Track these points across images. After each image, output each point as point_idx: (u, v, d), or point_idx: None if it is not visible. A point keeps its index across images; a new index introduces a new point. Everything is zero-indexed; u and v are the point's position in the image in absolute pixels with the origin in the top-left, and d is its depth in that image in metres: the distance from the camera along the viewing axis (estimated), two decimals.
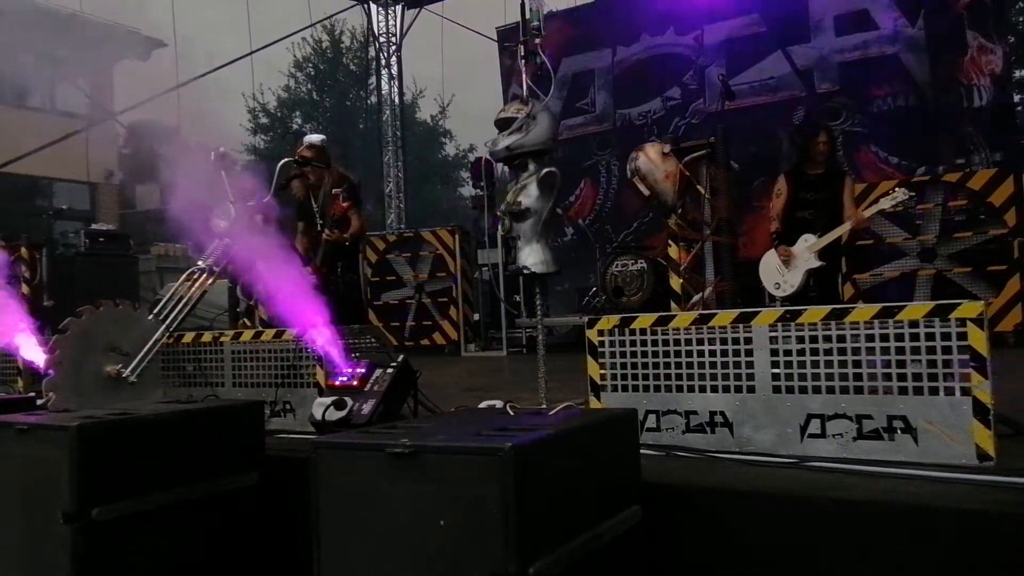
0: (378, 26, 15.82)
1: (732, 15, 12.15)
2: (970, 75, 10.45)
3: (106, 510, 2.41)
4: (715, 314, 2.91)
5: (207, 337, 4.23)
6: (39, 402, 3.72)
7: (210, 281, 4.19)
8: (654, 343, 2.99)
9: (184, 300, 4.02)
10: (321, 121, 27.80)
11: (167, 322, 3.95)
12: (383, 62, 15.86)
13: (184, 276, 4.18)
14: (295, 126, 28.29)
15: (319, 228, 5.74)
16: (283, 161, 4.94)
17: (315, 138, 5.99)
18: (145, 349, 3.82)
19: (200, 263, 4.22)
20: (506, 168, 3.66)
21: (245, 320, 5.24)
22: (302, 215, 5.96)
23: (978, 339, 2.41)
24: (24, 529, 2.51)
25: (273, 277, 3.66)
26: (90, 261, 11.04)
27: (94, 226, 13.17)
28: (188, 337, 4.26)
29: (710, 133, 6.03)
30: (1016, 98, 15.31)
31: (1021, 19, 19.43)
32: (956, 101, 10.51)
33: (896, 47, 10.96)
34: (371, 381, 3.57)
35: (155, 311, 3.99)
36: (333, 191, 5.72)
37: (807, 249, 5.52)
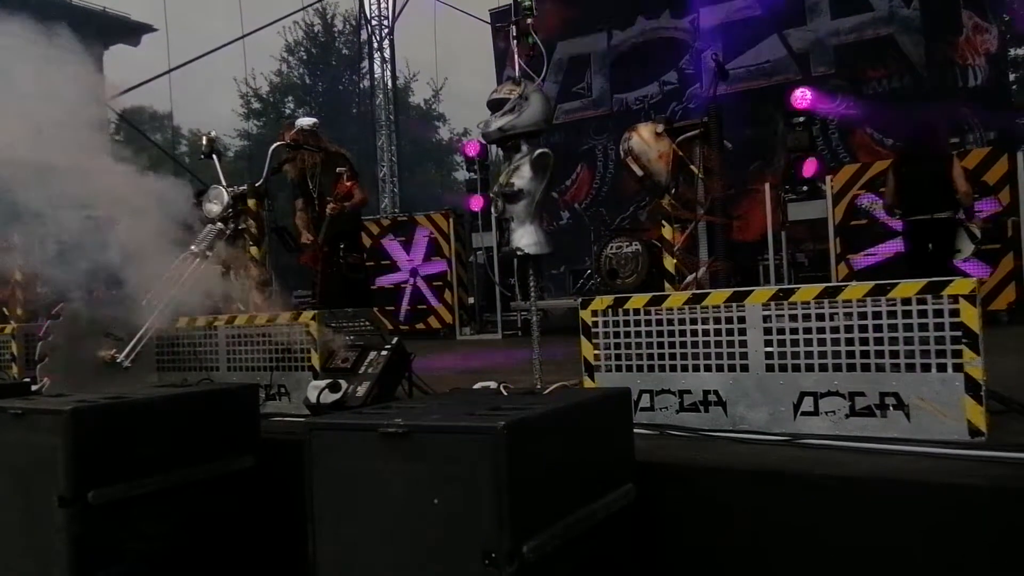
0: (370, 9, 15.72)
1: None
2: (965, 55, 10.43)
3: (102, 493, 2.41)
4: (708, 293, 2.91)
5: (201, 322, 4.22)
6: (34, 387, 3.72)
7: (202, 266, 4.18)
8: (648, 323, 2.99)
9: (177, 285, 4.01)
10: (314, 105, 27.66)
11: (160, 307, 3.93)
12: (375, 45, 15.77)
13: (176, 261, 4.17)
14: (288, 111, 28.15)
15: (317, 208, 5.77)
16: (275, 145, 4.91)
17: (306, 121, 5.96)
18: (139, 334, 3.81)
19: (192, 248, 4.21)
20: (499, 150, 3.64)
21: (239, 304, 5.22)
22: (300, 194, 5.99)
23: (970, 316, 2.42)
24: (21, 513, 2.52)
25: None
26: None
27: (86, 212, 13.08)
28: (182, 322, 4.25)
29: (705, 115, 6.02)
30: (1011, 77, 15.29)
31: None
32: (951, 81, 10.50)
33: (891, 28, 10.93)
34: (365, 364, 3.57)
35: (148, 296, 3.98)
36: (338, 170, 5.75)
37: None
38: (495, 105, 3.46)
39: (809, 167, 8.67)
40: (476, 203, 10.53)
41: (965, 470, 2.16)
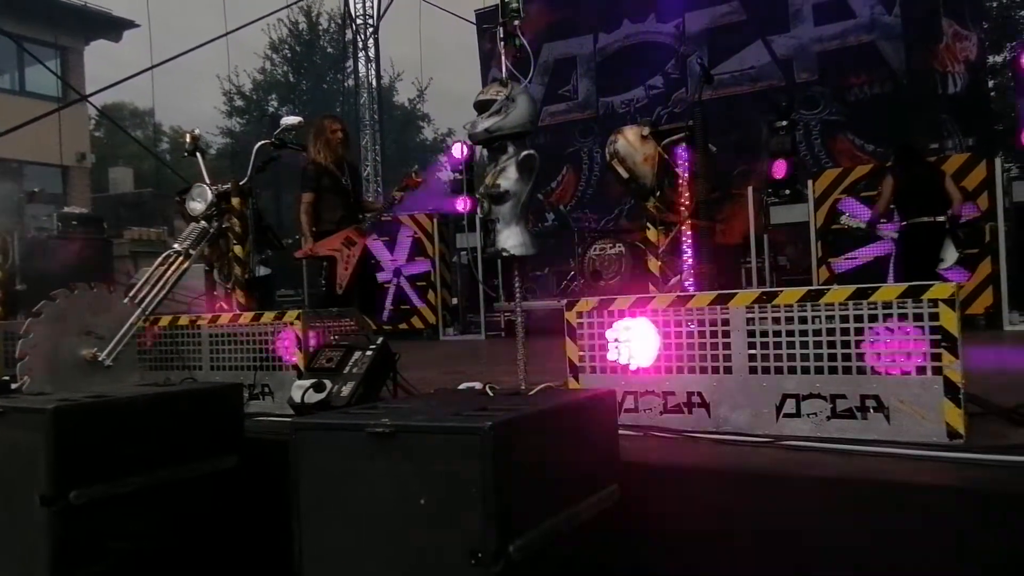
0: (355, 8, 15.67)
1: (713, 3, 12.17)
2: (945, 62, 10.57)
3: (84, 493, 2.39)
4: (692, 295, 2.93)
5: (184, 320, 4.20)
6: (14, 386, 3.68)
7: (186, 264, 4.16)
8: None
9: (160, 283, 3.99)
10: (297, 104, 27.54)
11: (143, 305, 3.91)
12: (360, 44, 15.72)
13: (159, 259, 4.14)
14: (271, 109, 28.01)
15: (354, 200, 5.94)
16: (260, 143, 4.89)
17: (290, 120, 5.93)
18: (121, 333, 3.78)
19: (176, 246, 4.19)
20: (485, 151, 3.65)
21: (223, 304, 5.19)
22: (315, 187, 5.94)
23: (949, 319, 2.45)
24: (1, 512, 2.49)
25: None
26: (63, 244, 10.90)
27: (66, 209, 12.98)
28: (165, 320, 4.22)
29: (690, 118, 6.07)
30: (990, 84, 15.50)
31: (995, 4, 19.64)
32: (931, 88, 10.63)
33: (873, 35, 11.06)
34: (350, 364, 3.56)
35: (131, 295, 3.96)
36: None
37: None
38: (481, 106, 3.46)
39: (779, 168, 8.81)
40: (461, 204, 10.53)
41: (943, 471, 2.19)
